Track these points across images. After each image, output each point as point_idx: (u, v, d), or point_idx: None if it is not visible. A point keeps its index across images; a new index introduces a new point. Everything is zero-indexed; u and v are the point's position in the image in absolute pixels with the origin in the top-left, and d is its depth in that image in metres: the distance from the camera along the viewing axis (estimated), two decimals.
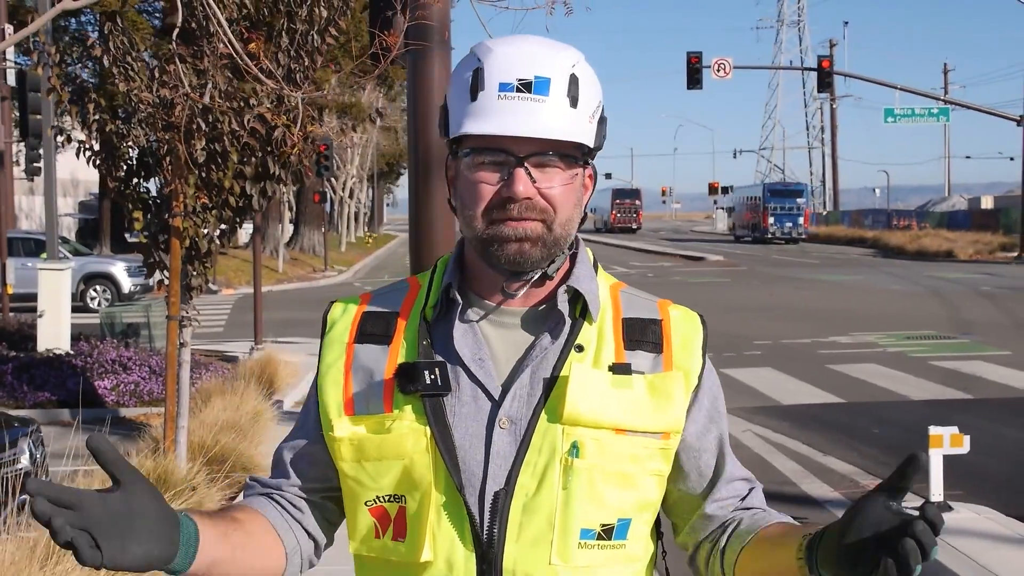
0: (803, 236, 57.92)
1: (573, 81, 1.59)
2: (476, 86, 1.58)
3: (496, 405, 1.61)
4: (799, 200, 58.33)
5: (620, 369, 1.63)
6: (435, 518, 1.58)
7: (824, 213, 73.87)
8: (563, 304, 1.65)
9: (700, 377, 1.68)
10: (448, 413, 1.60)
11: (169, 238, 7.24)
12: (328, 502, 1.73)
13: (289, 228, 46.64)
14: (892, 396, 11.76)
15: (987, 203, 59.30)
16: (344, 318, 1.73)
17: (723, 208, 78.97)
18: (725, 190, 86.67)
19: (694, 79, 34.89)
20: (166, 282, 7.40)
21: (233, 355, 14.88)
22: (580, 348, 1.63)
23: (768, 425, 10.36)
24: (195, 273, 7.43)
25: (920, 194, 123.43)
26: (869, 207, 75.26)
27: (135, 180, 7.49)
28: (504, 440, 1.59)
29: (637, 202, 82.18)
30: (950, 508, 6.71)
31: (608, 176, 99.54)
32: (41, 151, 28.80)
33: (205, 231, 7.29)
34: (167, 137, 6.87)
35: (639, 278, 31.66)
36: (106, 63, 7.06)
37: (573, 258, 1.70)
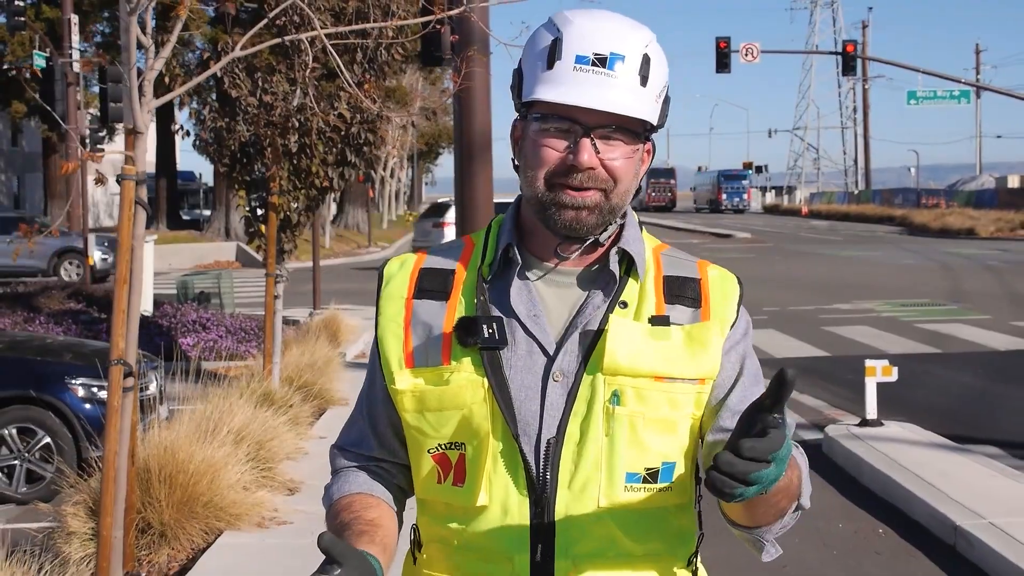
0: (747, 208, 79.97)
1: (645, 61, 1.64)
2: (553, 55, 1.63)
3: (550, 360, 1.68)
4: (744, 182, 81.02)
5: (659, 321, 1.69)
6: (491, 465, 1.66)
7: (856, 192, 75.01)
8: (615, 265, 1.71)
9: (733, 327, 1.75)
10: (505, 366, 1.67)
11: (267, 212, 9.13)
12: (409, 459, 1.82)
13: (333, 207, 48.52)
14: (872, 351, 13.33)
15: (1014, 182, 60.22)
16: (401, 274, 1.79)
17: (692, 189, 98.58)
18: (759, 169, 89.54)
19: (723, 63, 35.69)
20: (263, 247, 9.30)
21: (294, 319, 16.60)
22: (624, 304, 1.70)
23: None
24: (287, 239, 9.32)
25: (957, 173, 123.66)
26: (905, 186, 76.79)
27: (238, 167, 9.37)
28: (556, 392, 1.67)
29: (672, 181, 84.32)
30: (881, 424, 8.48)
31: None
32: (103, 134, 30.96)
33: (295, 206, 9.17)
34: (268, 133, 8.73)
35: None
36: (218, 74, 8.91)
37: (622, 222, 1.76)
